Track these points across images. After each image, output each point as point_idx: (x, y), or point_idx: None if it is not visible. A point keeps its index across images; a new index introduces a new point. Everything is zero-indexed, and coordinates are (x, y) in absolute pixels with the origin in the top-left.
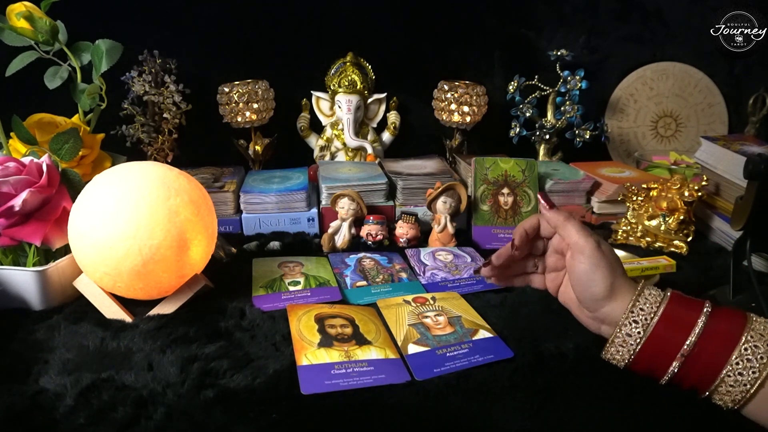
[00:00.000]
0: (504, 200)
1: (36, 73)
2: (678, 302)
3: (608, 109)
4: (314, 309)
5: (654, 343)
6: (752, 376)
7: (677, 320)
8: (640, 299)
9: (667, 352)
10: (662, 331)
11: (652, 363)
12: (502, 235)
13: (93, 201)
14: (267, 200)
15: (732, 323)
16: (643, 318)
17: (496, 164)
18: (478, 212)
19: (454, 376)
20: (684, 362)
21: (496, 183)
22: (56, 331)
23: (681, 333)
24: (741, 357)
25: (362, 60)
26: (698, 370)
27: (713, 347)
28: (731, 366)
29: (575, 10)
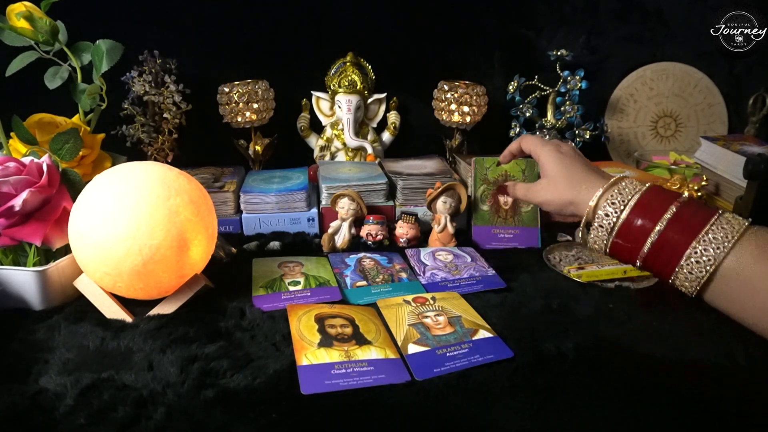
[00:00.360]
0: (504, 200)
1: (36, 73)
2: (657, 190)
3: (608, 109)
4: (314, 309)
5: (629, 225)
6: (708, 263)
7: (653, 205)
8: (618, 187)
9: (640, 234)
10: (638, 214)
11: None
12: (502, 235)
13: (93, 201)
14: (267, 200)
15: (700, 214)
16: (621, 200)
17: (495, 164)
18: (478, 212)
19: (454, 376)
20: (653, 245)
21: (496, 183)
22: (56, 331)
23: (654, 217)
24: (700, 245)
25: (362, 60)
26: (664, 255)
27: (678, 233)
28: (691, 251)
29: (575, 10)
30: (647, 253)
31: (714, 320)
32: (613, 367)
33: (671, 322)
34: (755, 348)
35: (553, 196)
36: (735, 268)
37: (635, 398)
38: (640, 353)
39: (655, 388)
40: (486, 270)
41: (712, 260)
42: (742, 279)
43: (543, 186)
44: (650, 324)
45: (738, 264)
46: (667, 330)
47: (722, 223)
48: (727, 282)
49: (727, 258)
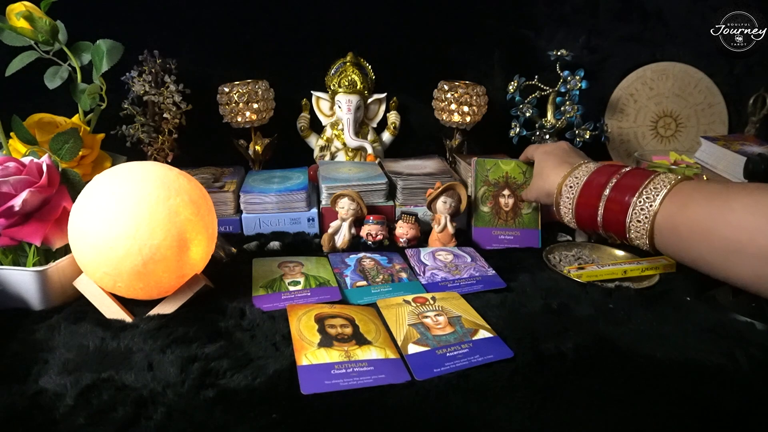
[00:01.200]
0: (504, 202)
1: (36, 73)
2: (604, 166)
3: (608, 109)
4: (314, 309)
5: (583, 196)
6: (646, 218)
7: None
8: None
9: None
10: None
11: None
12: (502, 236)
13: (93, 201)
14: (267, 200)
15: (638, 177)
16: (576, 182)
17: (497, 166)
18: (478, 213)
19: (454, 376)
20: (605, 207)
21: (497, 185)
22: (56, 331)
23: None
24: (638, 203)
25: (362, 60)
26: (614, 215)
27: (621, 194)
28: (631, 209)
29: (575, 10)
30: (603, 218)
31: (714, 320)
32: (613, 367)
33: (671, 322)
34: (755, 348)
35: (535, 191)
36: (666, 218)
37: (635, 398)
38: (640, 353)
39: (655, 388)
40: (486, 270)
41: (648, 215)
42: (673, 228)
43: (530, 184)
44: (650, 324)
45: (667, 215)
46: (667, 330)
47: (655, 182)
48: (664, 233)
49: (659, 211)
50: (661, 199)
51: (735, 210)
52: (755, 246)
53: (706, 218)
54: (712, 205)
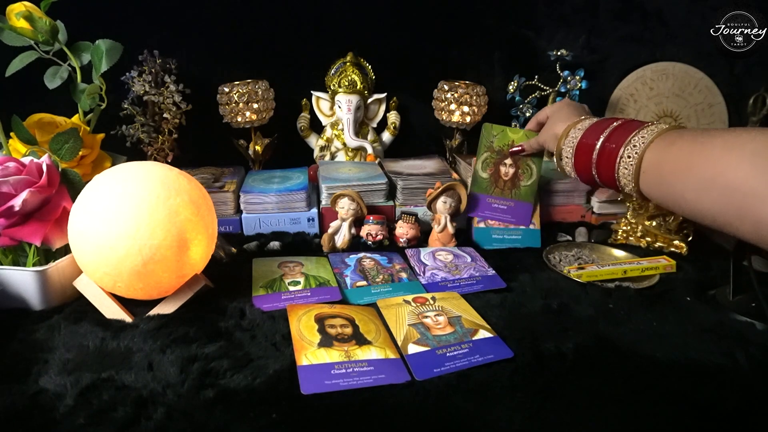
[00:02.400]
0: (505, 171)
1: (36, 73)
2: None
3: (608, 109)
4: (314, 309)
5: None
6: (632, 160)
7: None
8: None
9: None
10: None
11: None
12: (496, 205)
13: (93, 201)
14: (267, 200)
15: (630, 127)
16: (579, 131)
17: (504, 133)
18: (477, 179)
19: (454, 376)
20: (597, 155)
21: (501, 152)
22: (56, 331)
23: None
24: (627, 148)
25: (362, 60)
26: (605, 162)
27: (612, 143)
28: (621, 154)
29: (575, 10)
30: (596, 163)
31: (714, 320)
32: (613, 367)
33: (671, 322)
34: (755, 348)
35: (544, 134)
36: (652, 159)
37: (635, 398)
38: (640, 353)
39: (655, 388)
40: (486, 270)
41: (634, 157)
42: (658, 167)
43: (543, 129)
44: (650, 324)
45: (654, 156)
46: (667, 330)
47: (644, 131)
48: (649, 173)
49: (646, 153)
50: (649, 141)
51: (714, 147)
52: (724, 179)
53: (688, 155)
54: (695, 143)
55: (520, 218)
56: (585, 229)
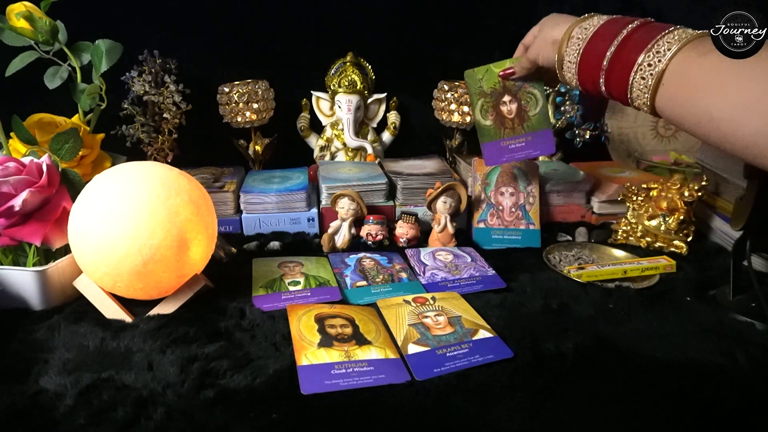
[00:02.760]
0: (507, 109)
1: (36, 73)
2: (614, 19)
3: (608, 109)
4: (314, 309)
5: (589, 52)
6: (653, 69)
7: (607, 32)
8: (585, 22)
9: (599, 57)
10: (595, 42)
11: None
12: (513, 145)
13: (93, 201)
14: (267, 200)
15: (651, 31)
16: (583, 35)
17: (489, 72)
18: (482, 129)
19: (454, 376)
20: (608, 64)
21: (494, 93)
22: (56, 331)
23: (608, 41)
24: (648, 56)
25: (362, 60)
26: (617, 73)
27: (627, 51)
28: (640, 63)
29: (575, 10)
30: (606, 72)
31: (714, 320)
32: (613, 367)
33: (671, 322)
34: (755, 348)
35: (541, 42)
36: (676, 71)
37: (635, 398)
38: (640, 353)
39: (655, 388)
40: (486, 270)
41: (656, 65)
42: (685, 77)
43: (535, 40)
44: (650, 324)
45: (680, 67)
46: (667, 330)
47: (669, 37)
48: (671, 86)
49: (672, 61)
50: (676, 49)
51: (760, 64)
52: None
53: (724, 70)
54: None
55: (543, 147)
56: (585, 229)
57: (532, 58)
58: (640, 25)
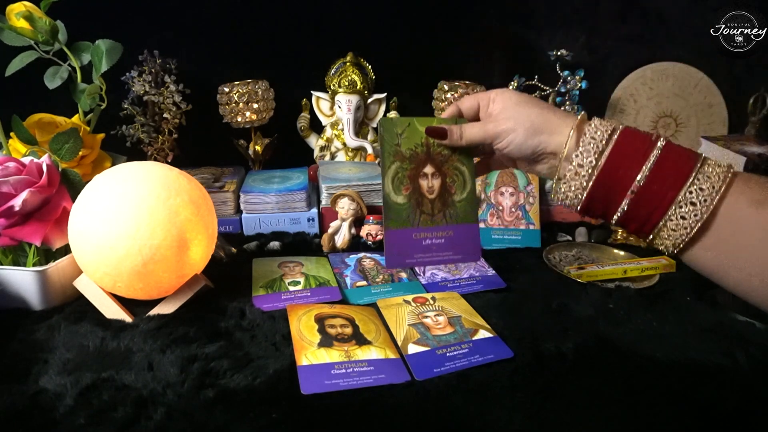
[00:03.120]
0: (428, 185)
1: (36, 73)
2: (631, 133)
3: (608, 109)
4: (314, 309)
5: (607, 175)
6: (694, 219)
7: (630, 152)
8: (590, 127)
9: (619, 185)
10: (615, 163)
11: (604, 199)
12: (428, 240)
13: (93, 201)
14: (267, 200)
15: (682, 160)
16: (595, 147)
17: (412, 127)
18: (390, 207)
19: (454, 376)
20: (633, 198)
21: (415, 158)
22: (56, 331)
23: (634, 166)
24: (685, 199)
25: (362, 60)
26: (645, 209)
27: (660, 184)
28: (674, 208)
29: (575, 10)
30: (630, 203)
31: (714, 320)
32: (613, 367)
33: (671, 322)
34: (755, 348)
35: (524, 116)
36: (730, 218)
37: (635, 398)
38: (640, 353)
39: (655, 388)
40: (486, 270)
41: (702, 210)
42: (736, 225)
43: (504, 113)
44: (650, 324)
45: (733, 211)
46: (667, 330)
47: (707, 170)
48: (719, 232)
49: (722, 205)
50: (723, 187)
51: None
52: None
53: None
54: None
55: (466, 250)
56: (585, 229)
57: (489, 134)
58: (667, 149)
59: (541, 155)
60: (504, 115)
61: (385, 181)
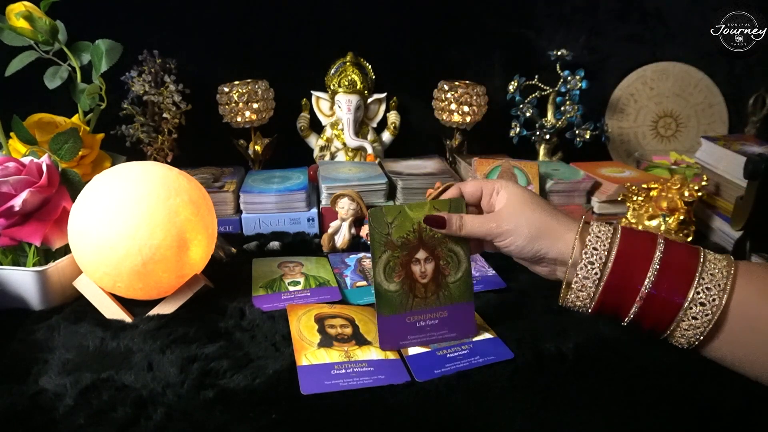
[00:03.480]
0: (420, 270)
1: (36, 73)
2: (632, 237)
3: (608, 109)
4: (314, 309)
5: (613, 285)
6: (705, 319)
7: (633, 257)
8: (590, 236)
9: (626, 293)
10: (620, 272)
11: (613, 306)
12: (423, 322)
13: (93, 201)
14: (267, 200)
15: (684, 260)
16: (598, 258)
17: (403, 215)
18: (382, 296)
19: (454, 376)
20: (642, 305)
21: (407, 245)
22: (56, 331)
23: (638, 273)
24: (694, 301)
25: (362, 60)
26: (654, 313)
27: (667, 289)
28: (685, 310)
29: (575, 10)
30: (642, 305)
31: None
32: (613, 367)
33: None
34: None
35: (527, 220)
36: (740, 312)
37: (635, 398)
38: (640, 353)
39: (655, 389)
40: (486, 270)
41: (711, 309)
42: (749, 320)
43: (507, 211)
44: None
45: (743, 307)
46: None
47: (709, 265)
48: (733, 325)
49: (731, 302)
50: (729, 282)
51: None
52: None
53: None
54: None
55: (461, 328)
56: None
57: (491, 232)
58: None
59: (542, 260)
60: (506, 214)
61: (376, 270)
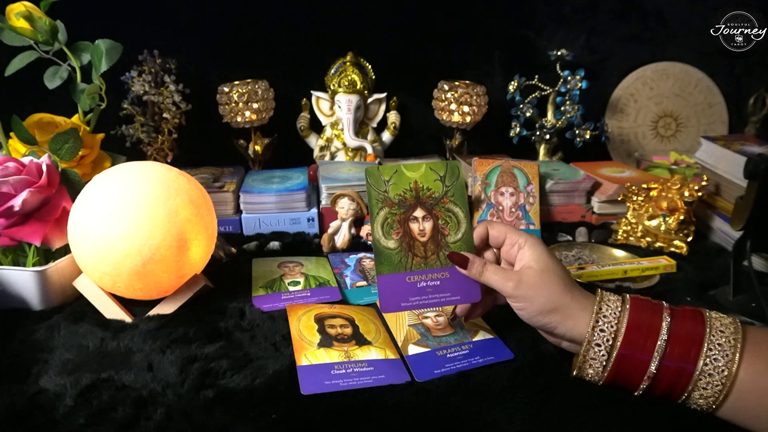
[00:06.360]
0: (419, 228)
1: (36, 73)
2: (638, 309)
3: (608, 109)
4: (314, 309)
5: (622, 362)
6: (716, 389)
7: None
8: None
9: (636, 369)
10: (629, 352)
11: (624, 381)
12: (423, 283)
13: (93, 201)
14: (267, 200)
15: (691, 322)
16: (605, 339)
17: (399, 174)
18: (381, 254)
19: (454, 376)
20: (652, 381)
21: (404, 203)
22: (56, 331)
23: (646, 351)
24: (703, 372)
25: (362, 60)
26: (665, 385)
27: (680, 353)
28: (695, 380)
29: (575, 10)
30: (648, 386)
31: None
32: None
33: None
34: None
35: (544, 294)
36: (751, 383)
37: (635, 398)
38: None
39: None
40: None
41: (721, 380)
42: (761, 393)
43: (527, 275)
44: None
45: (753, 378)
46: None
47: (716, 338)
48: (744, 395)
49: (740, 371)
50: (737, 350)
51: None
52: None
53: None
54: None
55: (465, 291)
56: (585, 229)
57: (507, 292)
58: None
59: (549, 332)
60: (526, 280)
61: (375, 227)
